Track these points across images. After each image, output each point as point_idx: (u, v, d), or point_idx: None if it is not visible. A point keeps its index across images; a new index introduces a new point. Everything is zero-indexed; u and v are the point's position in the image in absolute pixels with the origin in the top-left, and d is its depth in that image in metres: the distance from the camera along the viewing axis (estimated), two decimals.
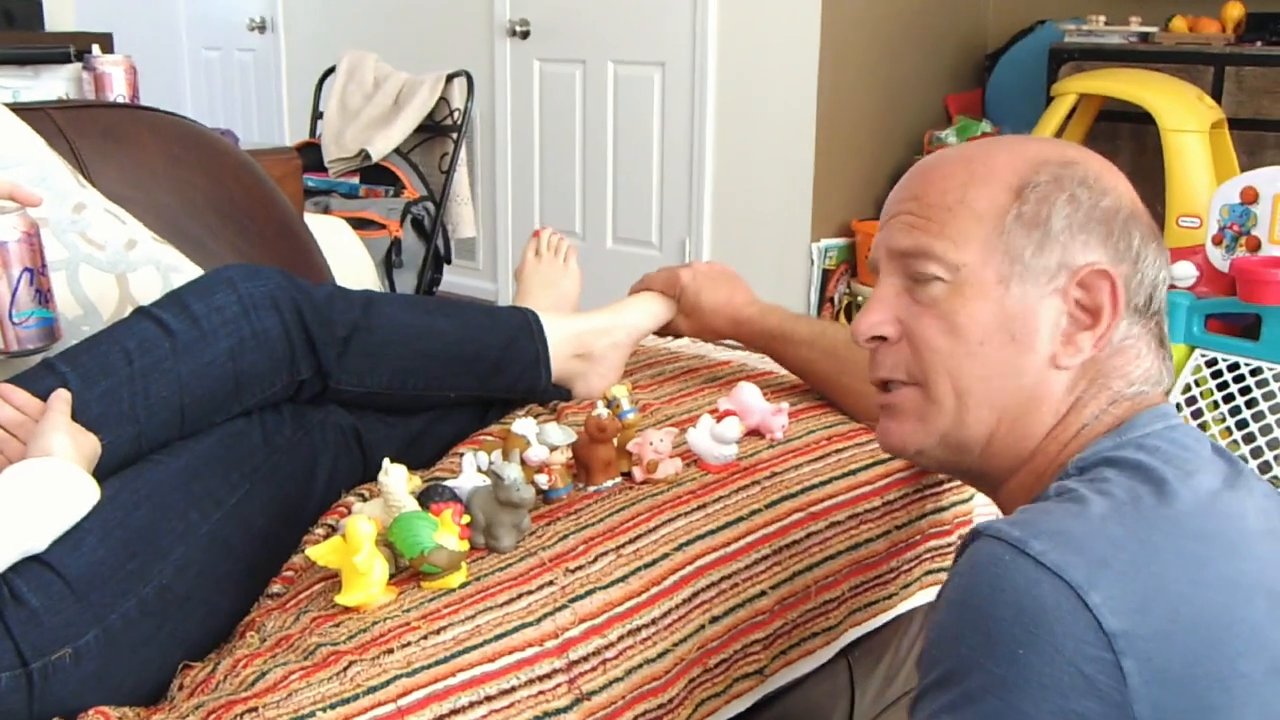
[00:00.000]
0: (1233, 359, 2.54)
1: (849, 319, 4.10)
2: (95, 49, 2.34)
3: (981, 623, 0.76)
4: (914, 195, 0.94)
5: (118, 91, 2.28)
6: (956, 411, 0.92)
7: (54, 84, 2.41)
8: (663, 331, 1.72)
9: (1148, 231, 0.91)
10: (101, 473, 1.18)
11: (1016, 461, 0.93)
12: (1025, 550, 0.76)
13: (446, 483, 1.25)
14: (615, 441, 1.35)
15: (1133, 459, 0.85)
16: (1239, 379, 2.54)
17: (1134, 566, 0.75)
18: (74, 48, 2.41)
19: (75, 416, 1.18)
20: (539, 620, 1.11)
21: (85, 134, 1.75)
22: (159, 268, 1.57)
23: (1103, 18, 3.79)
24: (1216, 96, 3.43)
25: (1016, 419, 0.91)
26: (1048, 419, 0.91)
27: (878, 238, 0.96)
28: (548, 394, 1.60)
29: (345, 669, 1.00)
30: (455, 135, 3.51)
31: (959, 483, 1.59)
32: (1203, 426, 2.59)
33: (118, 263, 1.53)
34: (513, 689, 1.05)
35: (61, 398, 1.18)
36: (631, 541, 1.23)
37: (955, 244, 0.90)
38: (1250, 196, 2.58)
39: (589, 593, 1.16)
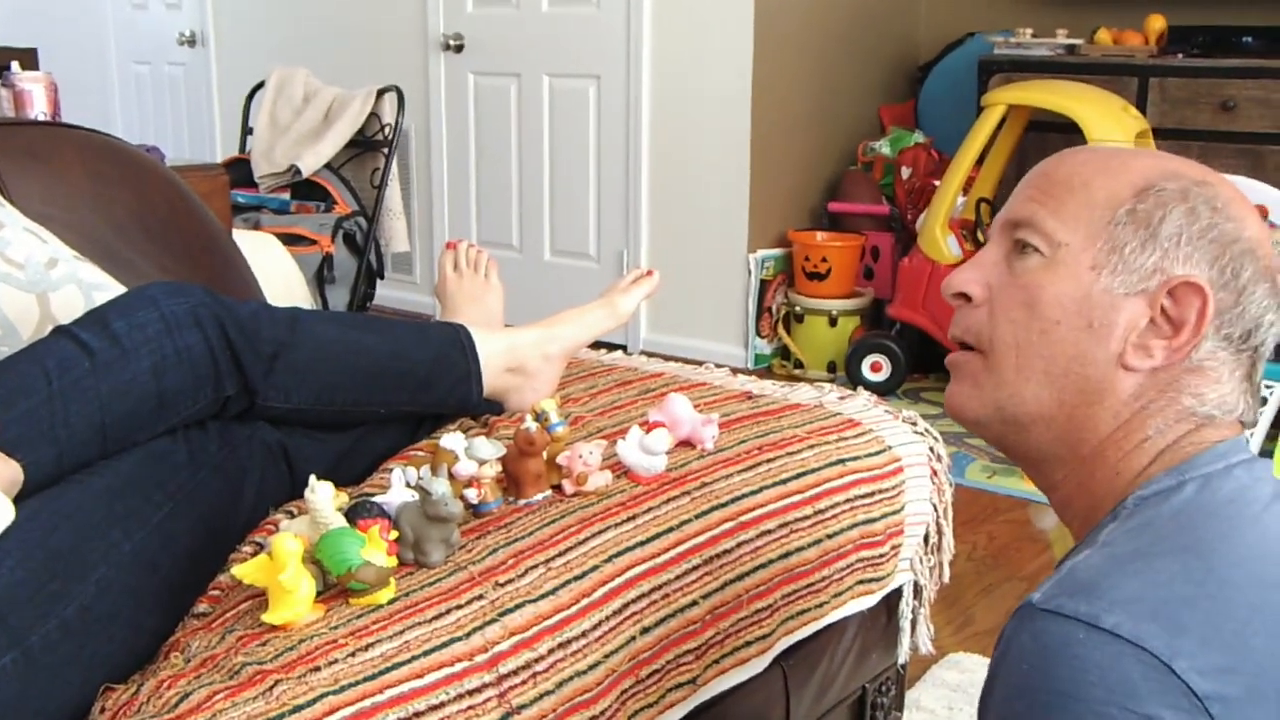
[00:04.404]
0: None
1: (788, 329, 4.13)
2: (14, 66, 2.30)
3: (1072, 707, 0.72)
4: (1044, 173, 0.94)
5: (38, 109, 2.25)
6: (1014, 384, 0.91)
7: None
8: None
9: (1263, 271, 0.89)
10: (22, 494, 1.17)
11: (1072, 456, 0.91)
12: (1099, 625, 0.73)
13: (375, 498, 1.24)
14: (545, 455, 1.35)
15: (1193, 501, 0.83)
16: None
17: (1211, 626, 0.73)
18: None
19: None
20: (468, 635, 1.10)
21: (4, 152, 1.72)
22: (81, 287, 1.55)
23: (1030, 30, 3.85)
24: (1141, 107, 3.51)
25: (1076, 408, 0.90)
26: (1108, 419, 0.89)
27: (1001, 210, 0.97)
28: (480, 408, 1.59)
29: (271, 688, 0.99)
30: (387, 150, 3.50)
31: (891, 493, 1.61)
32: None
33: (38, 282, 1.51)
34: (441, 704, 1.05)
35: None
36: (561, 554, 1.23)
37: (1063, 223, 0.90)
38: None
39: (519, 606, 1.15)
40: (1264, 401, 2.78)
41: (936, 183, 3.88)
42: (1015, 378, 0.91)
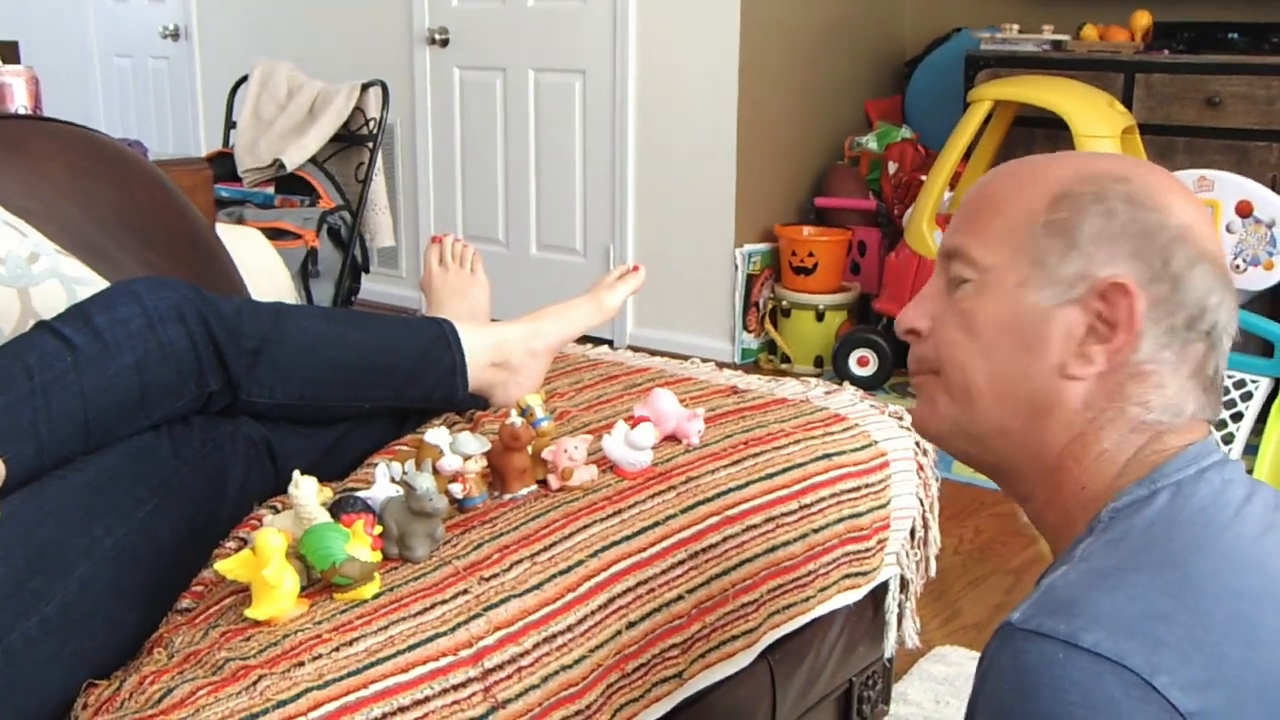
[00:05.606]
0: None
1: (774, 324, 4.13)
2: None
3: None
4: (968, 199, 0.95)
5: (19, 102, 2.24)
6: (965, 403, 0.93)
7: None
8: None
9: (1198, 254, 0.87)
10: (3, 490, 1.16)
11: (1036, 467, 0.92)
12: (1078, 644, 0.73)
13: (359, 493, 1.24)
14: (530, 449, 1.34)
15: (1166, 511, 0.83)
16: None
17: (1190, 640, 0.74)
18: None
19: None
20: (453, 629, 1.10)
21: None
22: (63, 281, 1.53)
23: (1016, 26, 3.86)
24: (1127, 102, 3.51)
25: (1028, 421, 0.90)
26: (1061, 431, 0.89)
27: None
28: (465, 403, 1.59)
29: (255, 683, 0.99)
30: (371, 145, 3.48)
31: (877, 487, 1.61)
32: None
33: (19, 276, 1.49)
34: (426, 699, 1.04)
35: None
36: (547, 549, 1.23)
37: (988, 247, 0.91)
38: None
39: (504, 601, 1.15)
40: (1248, 396, 2.79)
41: (923, 178, 3.88)
42: (965, 397, 0.92)
